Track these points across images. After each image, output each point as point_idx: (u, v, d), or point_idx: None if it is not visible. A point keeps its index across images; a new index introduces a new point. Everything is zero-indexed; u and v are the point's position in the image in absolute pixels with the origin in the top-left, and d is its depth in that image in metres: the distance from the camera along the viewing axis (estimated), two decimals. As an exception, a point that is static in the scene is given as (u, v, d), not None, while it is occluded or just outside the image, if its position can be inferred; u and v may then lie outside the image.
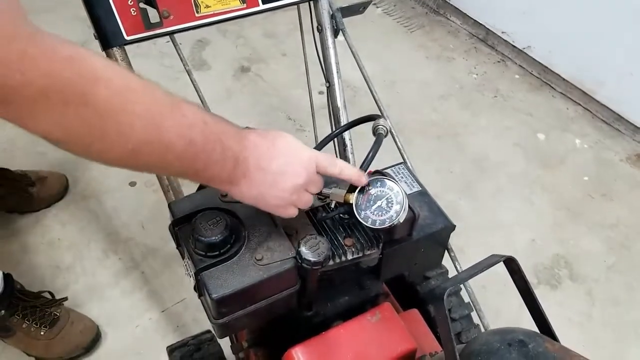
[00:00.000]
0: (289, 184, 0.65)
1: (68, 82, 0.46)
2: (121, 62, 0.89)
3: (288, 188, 0.65)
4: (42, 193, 1.63)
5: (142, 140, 0.53)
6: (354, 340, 0.78)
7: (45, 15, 2.40)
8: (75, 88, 0.46)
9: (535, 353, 0.57)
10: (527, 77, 2.35)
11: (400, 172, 0.87)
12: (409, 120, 2.09)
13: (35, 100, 0.44)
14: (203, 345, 1.05)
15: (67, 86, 0.46)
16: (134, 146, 0.52)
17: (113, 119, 0.50)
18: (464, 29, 2.60)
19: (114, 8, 0.84)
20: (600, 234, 1.74)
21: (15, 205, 1.62)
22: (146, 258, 1.58)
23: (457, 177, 1.90)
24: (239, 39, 2.42)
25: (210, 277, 0.68)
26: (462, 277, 0.66)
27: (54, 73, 0.44)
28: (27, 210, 1.64)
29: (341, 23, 1.10)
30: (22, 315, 1.31)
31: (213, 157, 0.59)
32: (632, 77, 2.00)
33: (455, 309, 1.12)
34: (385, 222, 0.70)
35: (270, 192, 0.65)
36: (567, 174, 1.94)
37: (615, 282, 1.62)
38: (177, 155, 0.56)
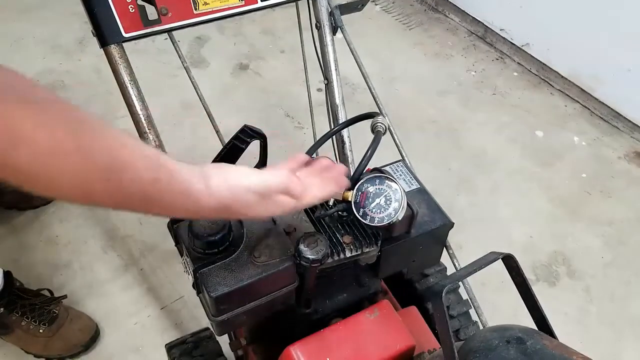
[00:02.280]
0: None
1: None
2: (119, 60, 0.88)
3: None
4: None
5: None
6: (352, 338, 0.78)
7: (41, 12, 2.39)
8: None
9: (534, 350, 0.58)
10: (525, 75, 2.35)
11: (399, 169, 0.88)
12: (407, 117, 2.09)
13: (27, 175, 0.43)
14: (202, 342, 1.05)
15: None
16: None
17: (38, 181, 0.46)
18: (463, 26, 2.60)
19: (112, 5, 0.84)
20: (597, 231, 1.75)
21: (13, 201, 1.61)
22: (145, 255, 1.58)
23: (455, 173, 1.90)
24: (238, 36, 2.41)
25: (208, 275, 0.68)
26: (460, 275, 0.66)
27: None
28: (25, 207, 1.63)
29: (340, 20, 1.10)
30: (21, 313, 1.31)
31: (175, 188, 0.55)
32: (630, 74, 2.00)
33: (454, 306, 1.12)
34: (384, 219, 0.70)
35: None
36: (565, 171, 1.94)
37: (612, 278, 1.62)
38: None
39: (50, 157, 0.45)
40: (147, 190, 0.52)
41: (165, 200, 0.54)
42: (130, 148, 0.51)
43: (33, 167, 0.44)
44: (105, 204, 0.51)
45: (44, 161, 0.45)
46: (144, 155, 0.53)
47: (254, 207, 0.61)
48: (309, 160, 0.71)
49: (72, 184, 0.47)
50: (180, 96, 2.00)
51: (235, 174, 0.60)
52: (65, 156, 0.46)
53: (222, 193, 0.58)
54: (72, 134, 0.46)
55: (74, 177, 0.47)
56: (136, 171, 0.51)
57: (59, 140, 0.45)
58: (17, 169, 0.44)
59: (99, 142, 0.49)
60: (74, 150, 0.46)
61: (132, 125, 0.92)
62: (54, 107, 0.47)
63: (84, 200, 0.50)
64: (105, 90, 1.95)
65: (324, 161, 0.72)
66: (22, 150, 0.43)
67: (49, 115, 0.45)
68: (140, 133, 0.92)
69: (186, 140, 1.87)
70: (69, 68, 2.10)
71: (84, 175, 0.48)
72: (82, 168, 0.47)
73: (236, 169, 0.61)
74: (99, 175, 0.49)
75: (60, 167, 0.46)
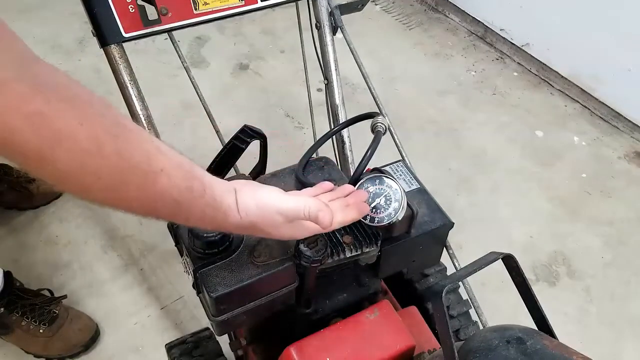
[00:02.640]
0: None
1: (25, 141, 0.42)
2: (119, 60, 0.88)
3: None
4: (41, 190, 1.62)
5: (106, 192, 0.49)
6: (352, 338, 0.78)
7: (41, 11, 2.40)
8: (32, 146, 0.42)
9: (534, 350, 0.58)
10: (525, 75, 2.35)
11: (399, 169, 0.88)
12: (407, 116, 2.09)
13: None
14: (202, 342, 1.05)
15: (26, 144, 0.42)
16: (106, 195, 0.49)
17: (74, 181, 0.46)
18: (463, 26, 2.60)
19: (112, 5, 0.84)
20: (597, 231, 1.75)
21: (13, 201, 1.61)
22: (145, 255, 1.58)
23: (455, 173, 1.90)
24: (238, 36, 2.41)
25: (209, 275, 0.68)
26: (460, 275, 0.66)
27: (14, 129, 0.41)
28: (25, 207, 1.63)
29: (340, 20, 1.10)
30: (21, 313, 1.31)
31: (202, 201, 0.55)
32: (630, 74, 2.00)
33: (454, 306, 1.12)
34: (384, 219, 0.70)
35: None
36: (565, 171, 1.94)
37: (612, 278, 1.62)
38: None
39: (89, 157, 0.45)
40: (179, 199, 0.52)
41: (194, 211, 0.54)
42: (166, 155, 0.51)
43: (71, 166, 0.44)
44: (135, 209, 0.51)
45: (83, 161, 0.45)
46: (179, 163, 0.52)
47: (280, 229, 0.62)
48: (333, 187, 0.71)
49: (107, 186, 0.47)
50: (180, 96, 2.00)
51: (268, 194, 0.60)
52: (103, 157, 0.46)
53: (251, 211, 0.58)
54: (112, 135, 0.46)
55: (110, 179, 0.47)
56: (171, 179, 0.50)
57: (99, 141, 0.45)
58: (55, 167, 0.44)
59: (137, 146, 0.49)
60: (112, 152, 0.46)
61: (132, 125, 0.92)
62: (93, 106, 0.47)
63: (115, 203, 0.50)
64: (105, 90, 1.94)
65: (347, 187, 0.72)
66: (63, 147, 0.43)
67: (90, 114, 0.45)
68: (140, 133, 0.92)
69: (186, 141, 1.87)
70: (68, 68, 2.09)
71: (119, 177, 0.47)
72: (118, 170, 0.47)
73: (268, 190, 0.61)
74: (135, 179, 0.48)
75: (97, 168, 0.46)
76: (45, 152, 0.42)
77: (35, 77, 0.42)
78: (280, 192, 0.62)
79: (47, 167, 0.44)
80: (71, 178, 0.45)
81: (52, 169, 0.44)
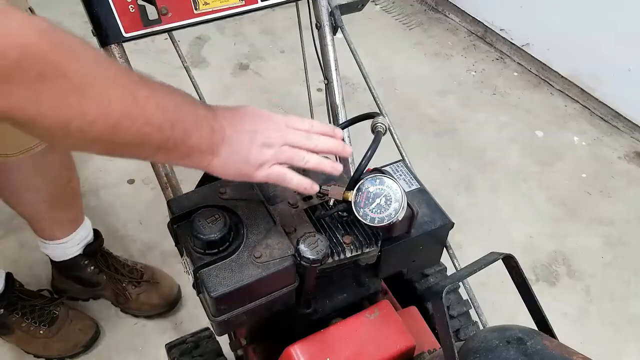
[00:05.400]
0: (265, 137, 0.66)
1: (43, 54, 0.45)
2: (119, 60, 0.88)
3: (264, 142, 0.66)
4: (140, 299, 1.44)
5: (121, 113, 0.51)
6: (352, 338, 0.78)
7: (41, 12, 2.38)
8: (51, 60, 0.45)
9: (534, 350, 0.58)
10: (525, 75, 2.35)
11: (399, 169, 0.88)
12: (407, 116, 2.09)
13: (9, 74, 0.43)
14: (202, 342, 1.05)
15: (42, 57, 0.45)
16: (114, 120, 0.51)
17: (90, 92, 0.49)
18: (463, 26, 2.60)
19: (112, 5, 0.84)
20: (597, 231, 1.75)
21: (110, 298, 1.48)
22: (144, 255, 1.58)
23: (455, 173, 1.90)
24: (238, 36, 2.41)
25: (209, 275, 0.68)
26: (460, 275, 0.66)
27: (29, 44, 0.43)
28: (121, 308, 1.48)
29: (340, 20, 1.10)
30: (21, 314, 1.31)
31: (189, 125, 0.59)
32: (630, 74, 2.00)
33: (454, 306, 1.12)
34: (384, 219, 0.70)
35: (251, 152, 0.65)
36: (565, 171, 1.94)
37: (612, 278, 1.62)
38: (156, 127, 0.55)
39: (98, 65, 0.51)
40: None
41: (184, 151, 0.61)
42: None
43: (85, 76, 0.49)
44: (151, 114, 0.55)
45: (94, 70, 0.50)
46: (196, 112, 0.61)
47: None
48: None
49: (120, 92, 0.52)
50: (180, 96, 1.99)
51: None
52: (108, 66, 0.52)
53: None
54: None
55: (120, 83, 0.52)
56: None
57: (98, 53, 0.52)
58: (72, 80, 0.48)
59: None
60: (111, 62, 0.54)
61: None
62: (119, 71, 0.54)
63: (132, 111, 0.53)
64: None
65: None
66: (75, 58, 0.48)
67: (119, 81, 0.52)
68: (140, 133, 0.91)
69: (186, 140, 1.87)
70: (68, 68, 2.09)
71: (128, 79, 0.54)
72: (123, 72, 0.53)
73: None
74: (138, 80, 0.55)
75: (106, 73, 0.51)
76: (61, 64, 0.46)
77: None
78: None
79: (62, 79, 0.47)
80: (88, 91, 0.49)
81: (69, 82, 0.47)
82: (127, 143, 0.55)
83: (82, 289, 1.43)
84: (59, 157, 1.20)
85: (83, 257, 1.37)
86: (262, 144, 0.66)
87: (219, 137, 0.63)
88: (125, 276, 1.40)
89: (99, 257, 1.40)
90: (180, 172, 0.96)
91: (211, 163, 0.64)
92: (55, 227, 1.30)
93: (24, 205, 1.24)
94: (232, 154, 0.64)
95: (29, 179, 1.17)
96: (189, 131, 0.59)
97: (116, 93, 0.51)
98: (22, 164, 1.12)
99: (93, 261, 1.39)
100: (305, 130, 0.70)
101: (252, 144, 0.65)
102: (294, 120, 0.71)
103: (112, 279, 1.39)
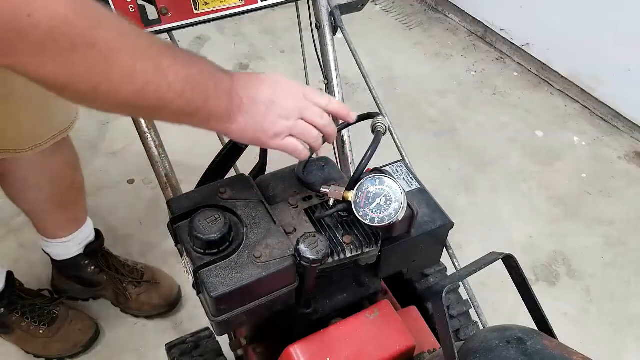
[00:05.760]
0: (282, 109, 0.68)
1: (74, 24, 0.46)
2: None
3: (281, 113, 0.68)
4: (140, 299, 1.43)
5: (145, 81, 0.54)
6: (352, 338, 0.78)
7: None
8: (81, 30, 0.47)
9: (534, 350, 0.58)
10: (525, 75, 2.35)
11: (399, 169, 0.87)
12: (407, 116, 2.09)
13: (42, 44, 0.45)
14: (202, 342, 1.05)
15: (73, 28, 0.46)
16: (139, 87, 0.54)
17: (117, 60, 0.51)
18: (463, 26, 2.60)
19: (112, 5, 0.84)
20: (597, 231, 1.75)
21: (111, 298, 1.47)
22: (144, 255, 1.58)
23: (455, 173, 1.90)
24: (237, 36, 2.41)
25: (209, 275, 0.67)
26: (460, 275, 0.66)
27: (60, 15, 0.45)
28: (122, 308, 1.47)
29: (340, 20, 1.10)
30: (21, 313, 1.31)
31: (209, 92, 0.62)
32: (630, 74, 2.00)
33: (454, 306, 1.12)
34: (384, 219, 0.70)
35: (266, 121, 0.67)
36: (565, 171, 1.94)
37: (612, 278, 1.62)
38: (177, 93, 0.58)
39: (125, 34, 0.53)
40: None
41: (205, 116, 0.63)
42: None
43: (112, 46, 0.51)
44: (173, 81, 0.57)
45: (121, 39, 0.52)
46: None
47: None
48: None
49: (145, 61, 0.54)
50: (180, 96, 1.99)
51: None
52: (134, 35, 0.54)
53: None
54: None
55: (146, 52, 0.55)
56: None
57: (125, 23, 0.53)
58: (101, 49, 0.49)
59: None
60: (137, 31, 0.54)
61: (132, 125, 0.92)
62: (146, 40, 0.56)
63: (156, 79, 0.56)
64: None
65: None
66: (104, 27, 0.50)
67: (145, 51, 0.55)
68: (141, 133, 0.92)
69: (186, 140, 1.87)
70: (68, 68, 2.09)
71: (153, 48, 0.56)
72: (148, 41, 0.55)
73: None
74: (163, 47, 0.57)
75: (134, 42, 0.53)
76: (90, 33, 0.48)
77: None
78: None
79: (92, 49, 0.48)
80: (115, 60, 0.51)
81: (97, 52, 0.49)
82: (151, 107, 0.58)
83: (83, 289, 1.43)
84: (65, 157, 1.21)
85: (84, 257, 1.37)
86: (278, 115, 0.68)
87: (236, 105, 0.65)
88: (126, 276, 1.40)
89: (99, 257, 1.40)
90: (180, 172, 0.96)
91: (229, 128, 0.67)
92: (57, 226, 1.30)
93: (27, 203, 1.25)
94: (249, 122, 0.67)
95: (33, 177, 1.17)
96: (208, 98, 0.62)
97: (142, 62, 0.54)
98: (29, 162, 1.13)
99: (94, 261, 1.39)
100: (323, 106, 0.73)
101: (268, 114, 0.67)
102: (313, 94, 0.72)
103: (113, 279, 1.39)
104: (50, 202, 1.23)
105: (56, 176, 1.20)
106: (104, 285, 1.41)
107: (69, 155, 1.23)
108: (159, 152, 0.92)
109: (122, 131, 1.92)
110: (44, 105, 1.04)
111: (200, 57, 0.63)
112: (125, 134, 1.89)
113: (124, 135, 1.89)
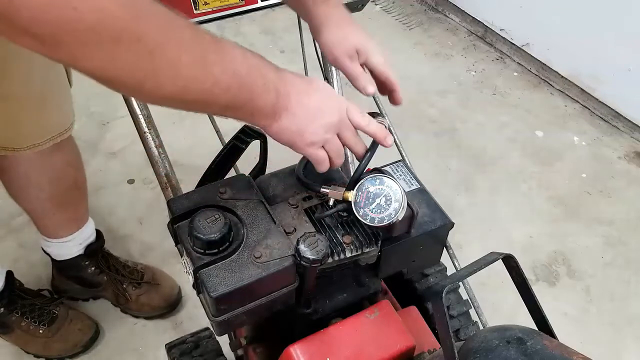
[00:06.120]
0: (326, 121, 0.68)
1: (118, 18, 0.46)
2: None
3: (324, 124, 0.68)
4: (140, 301, 1.43)
5: (190, 76, 0.54)
6: (352, 338, 0.78)
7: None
8: (126, 24, 0.47)
9: (534, 350, 0.58)
10: (525, 75, 2.35)
11: (399, 169, 0.88)
12: (407, 116, 2.08)
13: (87, 37, 0.45)
14: (202, 342, 1.05)
15: (118, 21, 0.46)
16: (183, 82, 0.54)
17: (162, 55, 0.51)
18: (463, 26, 2.60)
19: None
20: (597, 231, 1.75)
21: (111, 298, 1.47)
22: (144, 255, 1.58)
23: (454, 173, 1.90)
24: (237, 36, 2.41)
25: (209, 275, 0.67)
26: (460, 275, 0.66)
27: (104, 8, 0.45)
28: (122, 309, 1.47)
29: (340, 20, 1.09)
30: (21, 313, 1.31)
31: (256, 88, 0.61)
32: (630, 74, 2.00)
33: (454, 306, 1.12)
34: (384, 219, 0.70)
35: (308, 128, 0.67)
36: (565, 171, 1.94)
37: (612, 278, 1.62)
38: (223, 89, 0.58)
39: (170, 28, 0.52)
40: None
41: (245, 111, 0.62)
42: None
43: (157, 40, 0.50)
44: (219, 76, 0.57)
45: (166, 33, 0.51)
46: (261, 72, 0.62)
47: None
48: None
49: (191, 56, 0.54)
50: (180, 96, 1.99)
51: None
52: (180, 29, 0.53)
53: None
54: (177, 12, 0.54)
55: (192, 47, 0.54)
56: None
57: (171, 16, 0.52)
58: (146, 44, 0.49)
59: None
60: (184, 24, 0.54)
61: (132, 125, 0.92)
62: (192, 34, 0.54)
63: (202, 74, 0.55)
64: (106, 89, 1.94)
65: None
66: (149, 22, 0.49)
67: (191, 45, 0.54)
68: (141, 133, 0.92)
69: (186, 140, 1.87)
70: (68, 68, 2.10)
71: (199, 42, 0.55)
72: (195, 35, 0.54)
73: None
74: (211, 42, 0.56)
75: (179, 37, 0.53)
76: (135, 27, 0.48)
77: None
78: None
79: (137, 44, 0.48)
80: (160, 54, 0.51)
81: (143, 46, 0.49)
82: (196, 101, 0.57)
83: (82, 289, 1.43)
84: (66, 156, 1.21)
85: (84, 257, 1.37)
86: (321, 126, 0.68)
87: (282, 105, 0.65)
88: (126, 277, 1.40)
89: (99, 257, 1.40)
90: (180, 172, 0.96)
91: (270, 125, 0.66)
92: (58, 226, 1.30)
93: (29, 202, 1.25)
94: (292, 124, 0.66)
95: (34, 177, 1.17)
96: (255, 94, 0.61)
97: (187, 57, 0.53)
98: (30, 161, 1.13)
99: (94, 262, 1.39)
100: (363, 127, 0.72)
101: (313, 122, 0.67)
102: (355, 113, 0.71)
103: (113, 280, 1.39)
104: (52, 201, 1.23)
105: (57, 175, 1.20)
106: (104, 285, 1.41)
107: (71, 154, 1.23)
108: (159, 152, 0.92)
109: (122, 131, 1.92)
110: (42, 106, 1.04)
111: (248, 50, 0.62)
112: (125, 134, 1.89)
113: (124, 135, 1.89)
